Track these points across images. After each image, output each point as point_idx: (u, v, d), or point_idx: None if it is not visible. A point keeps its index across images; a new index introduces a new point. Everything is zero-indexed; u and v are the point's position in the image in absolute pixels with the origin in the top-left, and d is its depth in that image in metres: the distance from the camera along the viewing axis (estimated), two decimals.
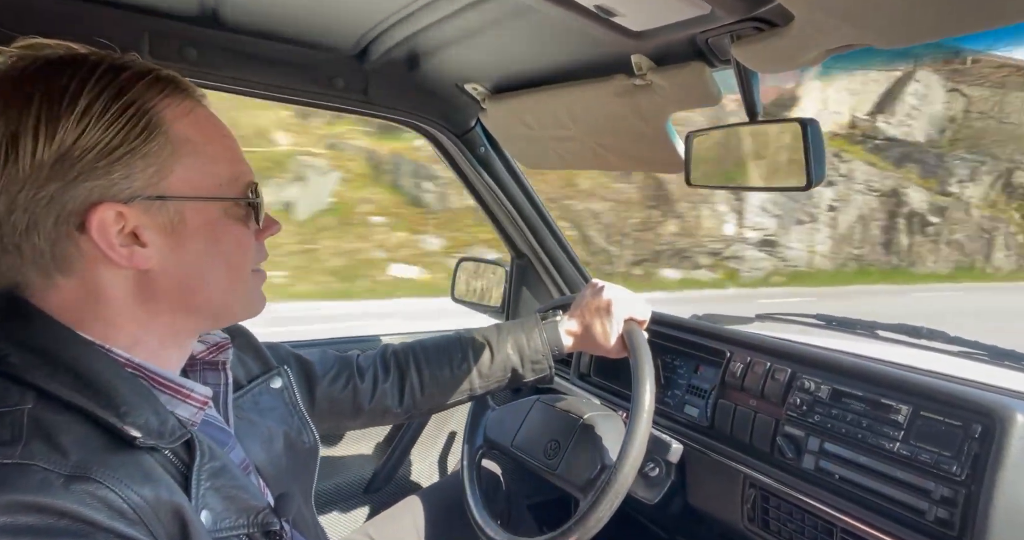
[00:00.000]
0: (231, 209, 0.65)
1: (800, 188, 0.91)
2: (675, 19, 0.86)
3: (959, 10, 0.61)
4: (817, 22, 0.71)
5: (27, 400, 0.52)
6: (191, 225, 0.62)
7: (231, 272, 0.66)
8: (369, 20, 1.13)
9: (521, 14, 0.98)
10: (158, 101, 0.60)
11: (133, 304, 0.61)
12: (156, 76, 0.61)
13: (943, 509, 0.84)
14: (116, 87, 0.57)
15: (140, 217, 0.58)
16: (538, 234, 1.66)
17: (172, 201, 0.60)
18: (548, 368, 1.10)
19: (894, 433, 0.92)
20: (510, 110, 1.35)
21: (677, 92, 1.02)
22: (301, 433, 0.85)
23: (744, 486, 1.10)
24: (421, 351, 1.09)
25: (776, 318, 1.42)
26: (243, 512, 0.63)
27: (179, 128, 0.61)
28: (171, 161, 0.60)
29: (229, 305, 0.68)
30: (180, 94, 0.62)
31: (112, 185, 0.57)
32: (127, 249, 0.58)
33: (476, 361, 1.08)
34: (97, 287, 0.59)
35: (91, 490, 0.50)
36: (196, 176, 0.62)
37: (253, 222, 0.68)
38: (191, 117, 0.62)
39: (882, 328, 1.24)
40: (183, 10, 1.07)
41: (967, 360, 1.12)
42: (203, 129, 0.63)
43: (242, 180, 0.66)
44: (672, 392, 1.33)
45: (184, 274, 0.63)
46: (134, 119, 0.57)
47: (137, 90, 0.58)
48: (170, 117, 0.60)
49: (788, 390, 1.08)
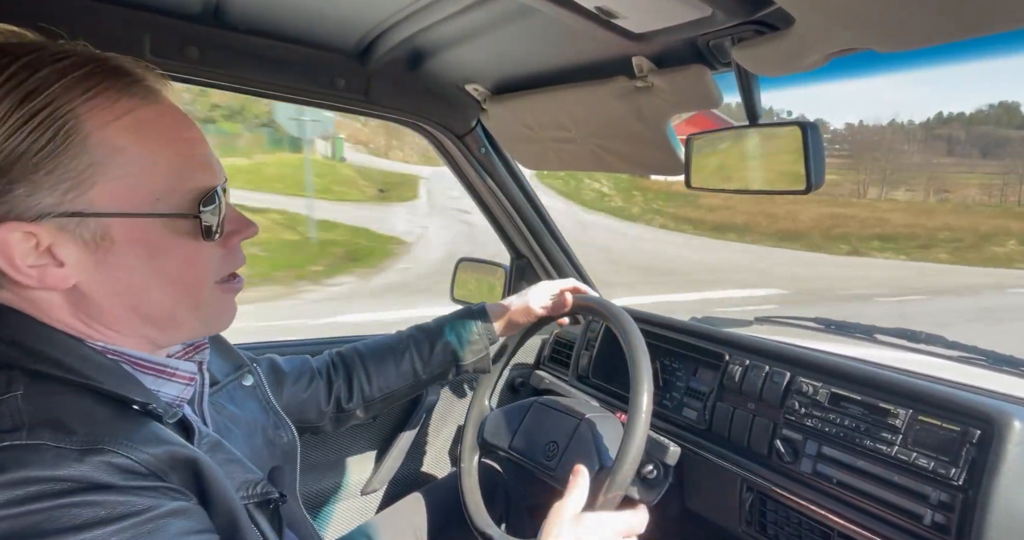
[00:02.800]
0: (172, 223, 0.57)
1: (800, 191, 0.91)
2: (676, 21, 0.86)
3: (960, 15, 0.61)
4: (817, 26, 0.71)
5: (17, 386, 0.51)
6: (120, 242, 0.55)
7: (178, 289, 0.60)
8: (371, 20, 1.13)
9: (522, 15, 0.98)
10: (80, 104, 0.51)
11: (75, 319, 0.57)
12: (90, 71, 0.52)
13: (940, 514, 0.84)
14: (28, 88, 0.49)
15: (54, 235, 0.52)
16: (538, 235, 1.66)
17: (93, 217, 0.53)
18: (485, 348, 1.17)
19: (892, 437, 0.92)
20: (511, 111, 1.35)
21: (678, 94, 1.02)
22: (278, 429, 0.85)
23: (741, 489, 1.10)
24: (364, 348, 1.14)
25: (774, 321, 1.42)
26: (242, 484, 0.64)
27: (106, 135, 0.52)
28: (91, 174, 0.52)
29: (181, 322, 0.62)
30: (117, 92, 0.54)
31: (15, 203, 0.50)
32: (37, 270, 0.53)
33: (417, 350, 1.14)
34: (31, 301, 0.55)
35: (106, 460, 0.50)
36: (125, 190, 0.54)
37: (210, 234, 0.59)
38: (127, 120, 0.54)
39: (880, 332, 1.24)
40: (185, 9, 1.07)
41: (965, 365, 1.12)
42: (142, 134, 0.55)
43: (189, 190, 0.58)
44: (670, 394, 1.33)
45: (118, 291, 0.57)
46: (42, 127, 0.49)
47: (54, 91, 0.50)
48: (94, 123, 0.52)
49: (786, 393, 1.08)
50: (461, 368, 1.18)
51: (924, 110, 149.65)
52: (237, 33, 1.14)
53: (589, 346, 1.52)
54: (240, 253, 0.67)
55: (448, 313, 1.22)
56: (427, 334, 1.17)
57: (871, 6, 0.63)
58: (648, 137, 1.15)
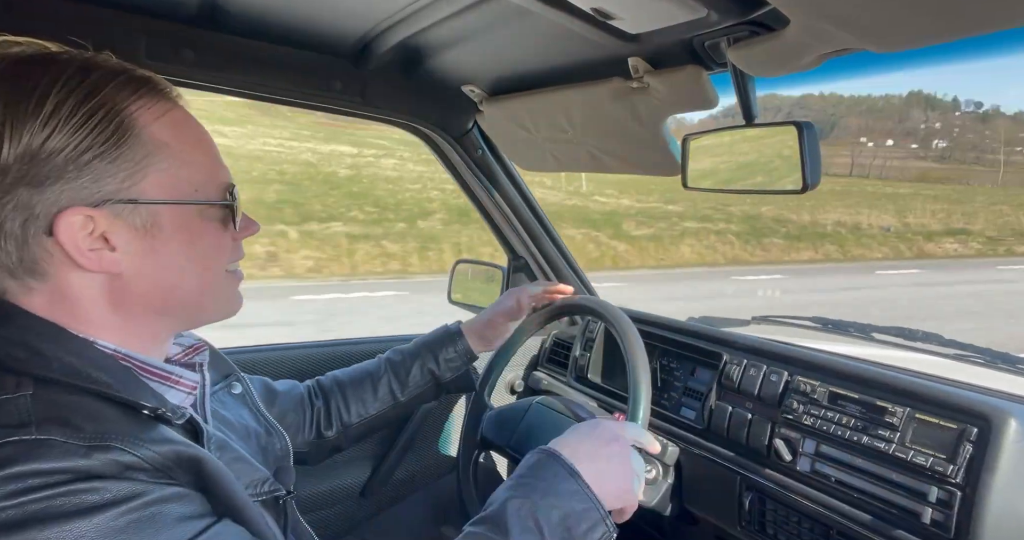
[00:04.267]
0: (207, 211, 0.64)
1: (796, 191, 0.92)
2: (671, 22, 0.87)
3: (954, 15, 0.62)
4: (812, 26, 0.71)
5: (25, 387, 0.52)
6: (166, 228, 0.61)
7: (206, 273, 0.65)
8: (366, 22, 1.13)
9: (518, 17, 0.98)
10: (131, 103, 0.58)
11: (106, 307, 0.60)
12: (129, 76, 0.59)
13: (939, 512, 0.84)
14: (86, 88, 0.55)
15: (111, 221, 0.57)
16: (535, 237, 1.66)
17: (145, 205, 0.59)
18: (464, 366, 1.20)
19: (890, 436, 0.93)
20: (507, 112, 1.35)
21: (673, 95, 1.02)
22: (271, 436, 0.86)
23: (740, 488, 1.10)
24: (343, 375, 1.16)
25: (772, 320, 1.43)
26: (250, 483, 0.66)
27: (153, 131, 0.59)
28: (144, 165, 0.58)
29: (204, 305, 0.68)
30: (155, 95, 0.60)
31: (81, 189, 0.55)
32: (96, 253, 0.57)
33: (395, 373, 1.16)
34: (69, 291, 0.58)
35: (113, 457, 0.51)
36: (170, 180, 0.60)
37: (231, 224, 0.67)
38: (166, 119, 0.61)
39: (877, 331, 1.24)
40: (181, 12, 1.07)
41: (962, 363, 1.12)
42: (179, 131, 0.62)
43: (219, 182, 0.65)
44: (668, 394, 1.33)
45: (158, 276, 0.62)
46: (104, 122, 0.56)
47: (108, 91, 0.57)
48: (143, 120, 0.58)
49: (784, 392, 1.08)
50: (442, 388, 1.19)
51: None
52: (233, 36, 1.14)
53: (587, 347, 1.52)
54: (242, 248, 0.72)
55: (426, 333, 1.23)
56: (404, 357, 1.18)
57: (865, 7, 0.63)
58: (644, 138, 1.15)
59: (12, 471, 0.47)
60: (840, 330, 1.31)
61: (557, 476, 0.76)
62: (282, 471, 0.77)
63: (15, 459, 0.47)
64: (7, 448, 0.48)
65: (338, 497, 1.51)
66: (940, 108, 69.47)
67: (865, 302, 10.61)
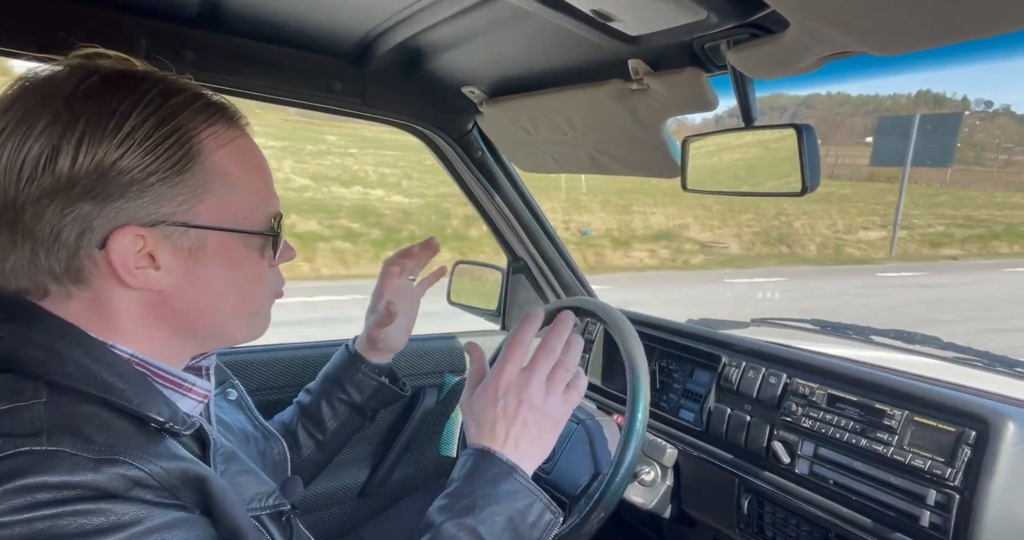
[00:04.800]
0: (251, 239, 0.65)
1: (795, 193, 0.92)
2: (671, 24, 0.87)
3: (954, 18, 0.62)
4: (812, 29, 0.72)
5: (40, 394, 0.53)
6: (210, 253, 0.62)
7: (242, 301, 0.67)
8: (367, 23, 1.13)
9: (518, 18, 0.98)
10: (202, 129, 0.60)
11: (138, 322, 0.61)
12: (206, 103, 0.61)
13: (937, 514, 0.84)
14: (164, 113, 0.58)
15: (160, 241, 0.59)
16: (534, 238, 1.66)
17: (195, 229, 0.60)
18: (374, 379, 1.10)
19: (888, 438, 0.93)
20: (507, 114, 1.35)
21: (673, 97, 1.02)
22: (268, 441, 0.86)
23: (739, 491, 1.10)
24: (301, 407, 1.11)
25: (771, 323, 1.43)
26: (255, 496, 0.66)
27: (217, 159, 0.61)
28: (202, 191, 0.60)
29: (232, 332, 0.69)
30: (225, 123, 0.63)
31: (140, 209, 0.57)
32: (141, 271, 0.59)
33: (307, 415, 1.09)
34: (107, 302, 0.60)
35: (121, 471, 0.51)
36: (224, 207, 0.62)
37: (269, 252, 0.68)
38: (231, 147, 0.63)
39: (876, 333, 1.24)
40: (181, 12, 1.07)
41: (961, 366, 1.12)
42: (240, 161, 0.64)
43: (268, 212, 0.67)
44: (667, 396, 1.33)
45: (195, 299, 0.63)
46: (175, 147, 0.58)
47: (183, 117, 0.59)
48: (210, 147, 0.60)
49: (782, 395, 1.08)
50: (364, 411, 1.12)
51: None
52: (233, 37, 1.14)
53: (586, 348, 1.52)
54: (281, 275, 0.74)
55: (327, 364, 1.14)
56: (312, 396, 1.11)
57: (865, 10, 0.64)
58: (644, 140, 1.15)
59: (21, 483, 0.47)
60: (839, 333, 1.31)
61: (495, 480, 0.73)
62: (289, 484, 0.78)
63: (25, 471, 0.47)
64: (18, 458, 0.48)
65: (336, 498, 1.51)
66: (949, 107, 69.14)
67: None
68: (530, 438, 0.77)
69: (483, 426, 0.77)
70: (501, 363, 0.79)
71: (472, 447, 0.77)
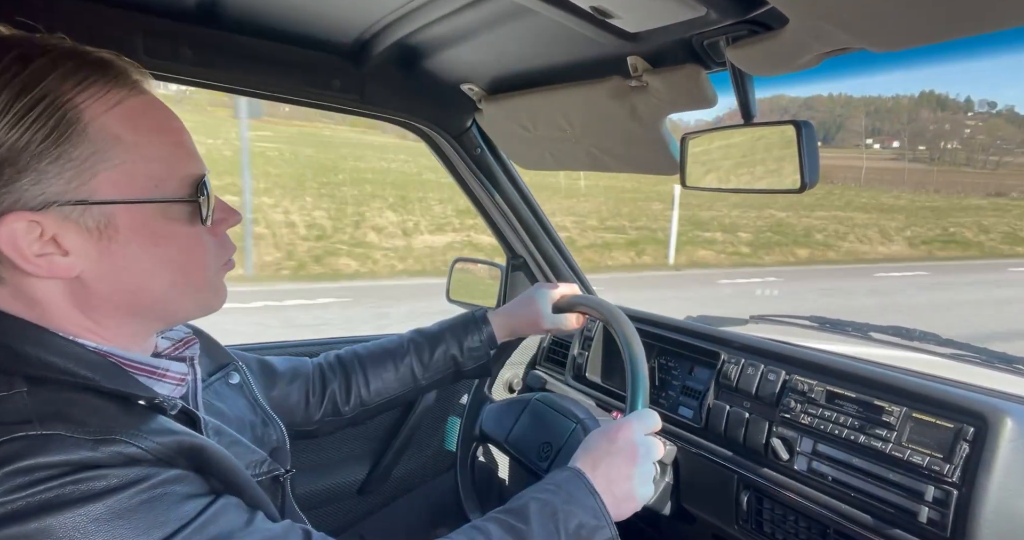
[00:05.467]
0: (171, 209, 0.59)
1: (794, 190, 0.92)
2: (671, 21, 0.87)
3: (952, 14, 0.62)
4: (811, 25, 0.72)
5: (19, 385, 0.51)
6: (123, 229, 0.56)
7: (179, 274, 0.61)
8: (365, 20, 1.12)
9: (517, 15, 0.98)
10: (75, 94, 0.52)
11: (73, 310, 0.58)
12: (78, 63, 0.53)
13: (935, 511, 0.85)
14: (24, 79, 0.50)
15: (60, 224, 0.53)
16: (533, 235, 1.66)
17: (97, 205, 0.54)
18: (486, 355, 1.17)
19: (886, 435, 0.93)
20: (506, 111, 1.35)
21: (672, 94, 1.02)
22: (267, 427, 0.85)
23: (738, 487, 1.11)
24: (364, 351, 1.13)
25: (769, 319, 1.43)
26: (248, 464, 0.67)
27: (102, 124, 0.54)
28: (93, 162, 0.53)
29: (178, 306, 0.64)
30: (105, 83, 0.55)
31: (21, 192, 0.51)
32: (45, 259, 0.54)
33: (418, 355, 1.13)
34: (32, 295, 0.56)
35: (119, 449, 0.51)
36: (124, 177, 0.55)
37: (198, 220, 0.61)
38: (119, 110, 0.55)
39: (875, 330, 1.24)
40: (179, 9, 1.07)
41: (959, 362, 1.13)
42: (134, 123, 0.56)
43: (184, 176, 0.60)
44: (666, 393, 1.33)
45: (119, 279, 0.58)
46: (43, 117, 0.50)
47: (49, 83, 0.51)
48: (91, 113, 0.53)
49: (781, 391, 1.09)
50: (461, 374, 1.18)
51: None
52: (231, 33, 1.14)
53: (586, 345, 1.52)
54: (230, 240, 0.69)
55: (450, 317, 1.21)
56: (428, 339, 1.15)
57: (864, 6, 0.64)
58: (643, 137, 1.15)
59: (20, 465, 0.46)
60: (838, 329, 1.31)
61: (580, 490, 0.79)
62: (277, 452, 0.78)
63: (22, 454, 0.47)
64: (14, 443, 0.47)
65: (336, 494, 1.51)
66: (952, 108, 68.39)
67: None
68: (622, 486, 0.85)
69: (590, 456, 0.86)
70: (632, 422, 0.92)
71: (568, 467, 0.85)
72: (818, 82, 0.94)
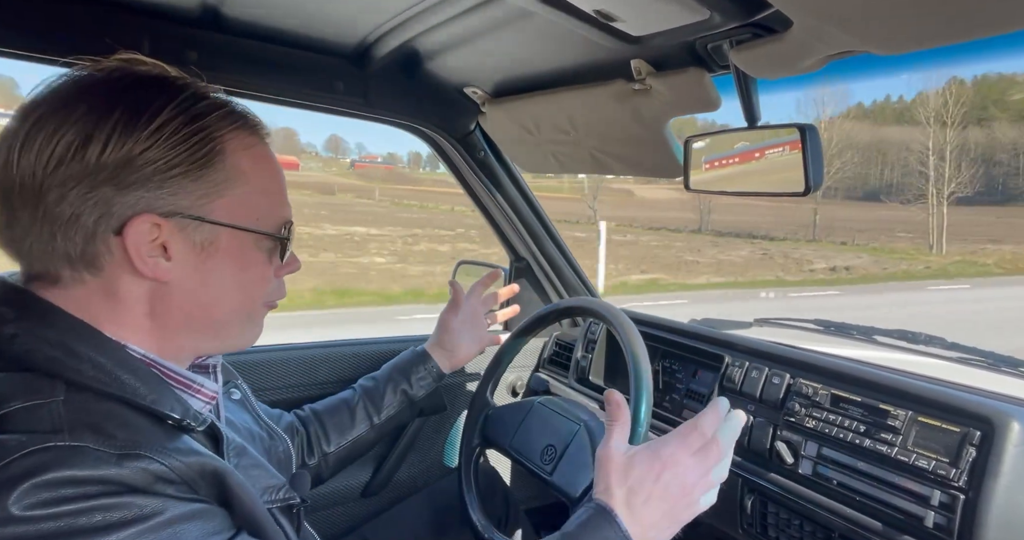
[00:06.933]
0: (261, 241, 0.68)
1: (798, 193, 0.92)
2: (674, 24, 0.87)
3: (957, 17, 0.61)
4: (815, 28, 0.71)
5: (58, 393, 0.54)
6: (221, 249, 0.65)
7: (244, 299, 0.69)
8: (369, 24, 1.13)
9: (521, 18, 0.98)
10: (226, 132, 0.64)
11: (144, 312, 0.63)
12: (231, 109, 0.66)
13: (941, 515, 0.84)
14: (193, 113, 0.61)
15: (174, 232, 0.61)
16: (537, 238, 1.66)
17: (209, 224, 0.63)
18: (434, 385, 1.26)
19: (892, 439, 0.92)
20: (509, 114, 1.35)
21: (676, 97, 1.02)
22: (273, 439, 0.88)
23: (742, 491, 1.10)
24: (320, 407, 1.19)
25: (774, 323, 1.42)
26: (266, 489, 0.68)
27: (237, 160, 0.64)
28: (221, 188, 0.63)
29: (232, 331, 0.71)
30: (247, 129, 0.67)
31: (159, 199, 0.60)
32: (153, 260, 0.61)
33: (369, 399, 1.21)
34: (117, 290, 0.62)
35: (143, 466, 0.53)
36: (239, 206, 0.65)
37: (277, 258, 0.71)
38: (251, 152, 0.66)
39: (880, 333, 1.24)
40: (184, 13, 1.07)
41: (965, 366, 1.12)
42: (258, 165, 0.67)
43: (280, 217, 0.70)
44: (670, 396, 1.33)
45: (200, 292, 0.65)
46: (200, 144, 0.61)
47: (210, 119, 0.62)
48: (232, 148, 0.64)
49: (786, 395, 1.08)
50: (415, 408, 1.25)
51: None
52: (235, 37, 1.14)
53: (589, 348, 1.52)
54: (284, 286, 0.76)
55: (394, 358, 1.28)
56: (376, 382, 1.22)
57: (868, 9, 0.63)
58: (647, 140, 1.15)
59: (46, 478, 0.48)
60: (842, 333, 1.31)
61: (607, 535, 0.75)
62: (298, 478, 0.79)
63: (49, 466, 0.49)
64: (42, 454, 0.49)
65: (339, 497, 1.51)
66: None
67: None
68: (660, 514, 0.78)
69: (622, 485, 0.78)
70: (673, 440, 0.80)
71: (597, 503, 0.78)
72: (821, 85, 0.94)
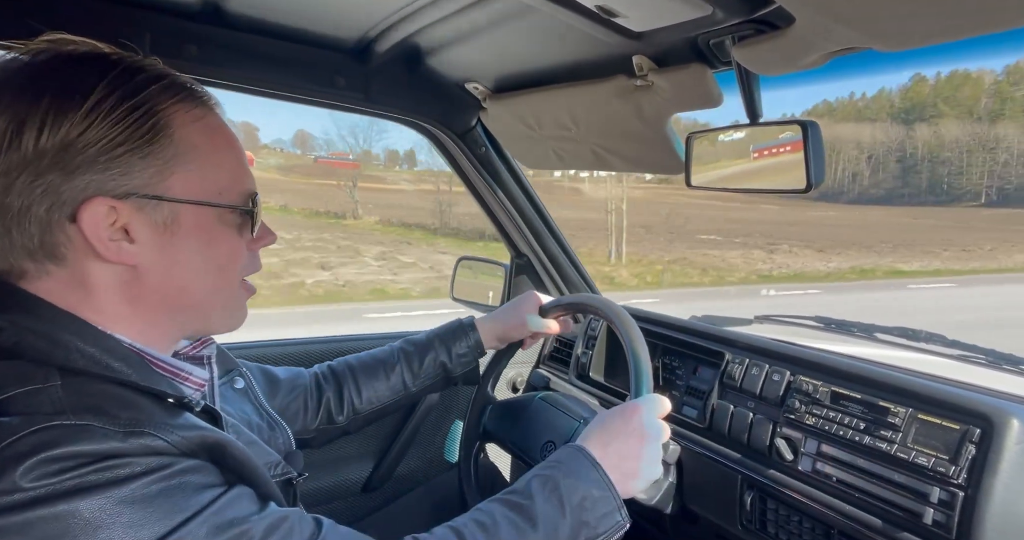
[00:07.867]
0: (226, 216, 0.66)
1: (800, 190, 0.91)
2: (676, 20, 0.86)
3: (960, 14, 0.61)
4: (818, 25, 0.71)
5: (53, 378, 0.55)
6: (184, 227, 0.63)
7: (219, 277, 0.67)
8: (371, 18, 1.13)
9: (522, 14, 0.98)
10: (168, 105, 0.61)
11: (120, 299, 0.62)
12: (172, 81, 0.63)
13: (941, 512, 0.84)
14: (129, 88, 0.58)
15: (133, 214, 0.59)
16: (538, 234, 1.66)
17: (168, 202, 0.61)
18: (474, 361, 1.21)
19: (892, 436, 0.92)
20: (511, 110, 1.35)
21: (678, 93, 1.02)
22: (273, 430, 0.88)
23: (742, 487, 1.10)
24: (356, 361, 1.17)
25: (774, 320, 1.42)
26: (264, 465, 0.69)
27: (186, 133, 0.62)
28: (173, 164, 0.61)
29: (212, 311, 0.69)
30: (192, 101, 0.64)
31: (109, 180, 0.58)
32: (115, 244, 0.59)
33: (407, 363, 1.17)
34: (86, 279, 0.60)
35: (147, 442, 0.54)
36: (196, 181, 0.63)
37: (248, 231, 0.69)
38: (200, 124, 0.63)
39: (880, 330, 1.24)
40: (185, 7, 1.07)
41: (965, 363, 1.12)
42: (211, 137, 0.64)
43: (242, 189, 0.67)
44: (670, 393, 1.33)
45: (171, 273, 0.63)
46: (141, 120, 0.58)
47: (149, 93, 0.60)
48: (178, 122, 0.61)
49: (786, 392, 1.08)
50: (450, 380, 1.21)
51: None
52: (237, 31, 1.14)
53: (590, 345, 1.52)
54: (259, 259, 0.74)
55: (439, 326, 1.23)
56: (417, 348, 1.19)
57: (871, 5, 0.63)
58: (648, 136, 1.15)
59: (52, 453, 0.49)
60: (843, 330, 1.31)
61: (580, 465, 0.82)
62: (291, 456, 0.81)
63: (58, 441, 0.50)
64: (50, 431, 0.50)
65: (340, 492, 1.51)
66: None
67: None
68: (625, 461, 0.86)
69: (591, 433, 0.88)
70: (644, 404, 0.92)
71: (569, 445, 0.87)
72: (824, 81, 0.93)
